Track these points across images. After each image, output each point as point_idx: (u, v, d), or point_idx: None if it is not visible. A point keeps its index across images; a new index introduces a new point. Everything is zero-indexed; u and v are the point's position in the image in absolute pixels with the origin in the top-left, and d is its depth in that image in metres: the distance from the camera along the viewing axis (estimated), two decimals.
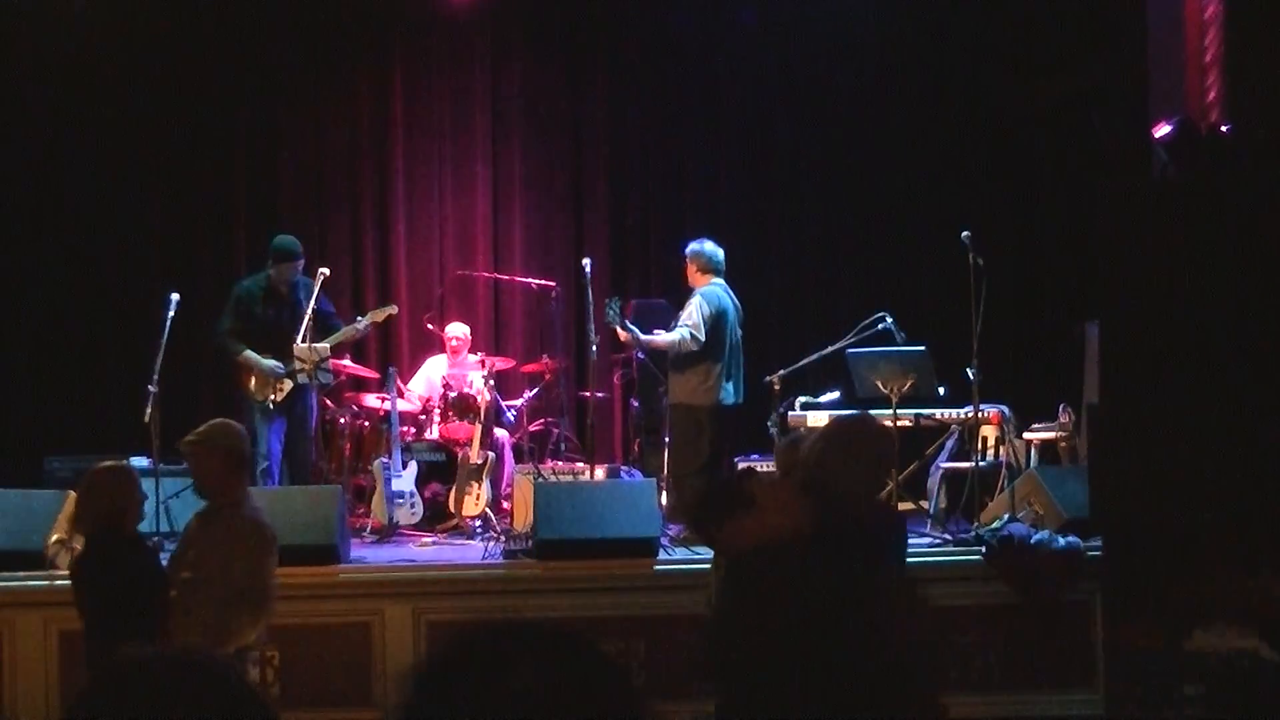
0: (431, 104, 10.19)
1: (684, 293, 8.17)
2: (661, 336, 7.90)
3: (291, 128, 10.07)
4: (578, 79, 10.28)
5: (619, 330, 7.91)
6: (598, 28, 10.29)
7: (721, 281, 8.05)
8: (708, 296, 7.92)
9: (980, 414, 7.75)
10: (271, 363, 8.09)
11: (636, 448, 9.05)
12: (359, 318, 8.56)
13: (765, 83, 10.16)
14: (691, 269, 8.11)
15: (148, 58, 9.84)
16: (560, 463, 8.76)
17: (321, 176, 10.10)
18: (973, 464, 7.63)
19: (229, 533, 4.83)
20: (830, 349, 8.24)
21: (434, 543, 7.97)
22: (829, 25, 9.99)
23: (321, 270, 8.36)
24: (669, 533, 7.45)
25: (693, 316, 7.83)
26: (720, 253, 8.11)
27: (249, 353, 8.13)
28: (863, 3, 9.99)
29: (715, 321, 7.84)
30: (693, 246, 8.18)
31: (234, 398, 9.74)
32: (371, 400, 8.99)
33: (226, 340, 8.22)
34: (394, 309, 8.88)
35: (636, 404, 9.14)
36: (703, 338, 7.78)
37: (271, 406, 8.07)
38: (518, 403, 9.11)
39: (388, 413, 8.56)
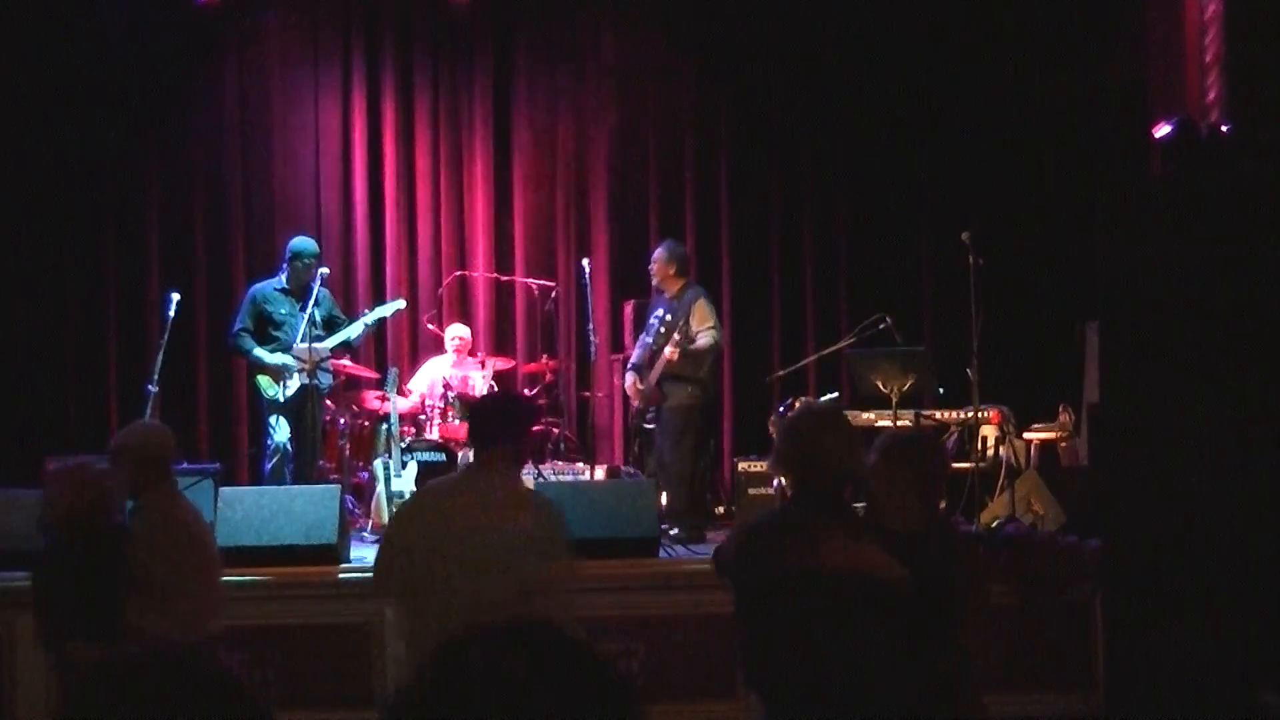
0: (430, 103, 10.18)
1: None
2: (698, 344, 7.79)
3: (290, 128, 10.06)
4: (577, 77, 10.28)
5: (673, 350, 7.79)
6: (599, 26, 10.29)
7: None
8: (707, 297, 7.96)
9: (980, 414, 7.76)
10: (280, 359, 8.17)
11: (636, 448, 9.05)
12: (366, 311, 8.68)
13: (766, 82, 10.15)
14: (668, 271, 8.01)
15: (147, 56, 9.84)
16: (560, 463, 8.76)
17: (320, 176, 10.10)
18: (973, 464, 7.63)
19: (141, 530, 4.96)
20: (830, 349, 8.25)
21: None
22: (829, 25, 9.99)
23: (322, 270, 8.42)
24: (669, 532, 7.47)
25: (709, 320, 7.83)
26: None
27: (258, 349, 8.26)
28: (863, 3, 9.99)
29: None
30: (671, 249, 8.10)
31: (237, 396, 9.80)
32: (371, 400, 8.99)
33: (238, 340, 8.38)
34: (403, 303, 8.97)
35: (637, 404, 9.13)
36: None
37: (282, 401, 8.15)
38: None
39: (388, 413, 8.56)
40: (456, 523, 4.24)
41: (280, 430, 8.19)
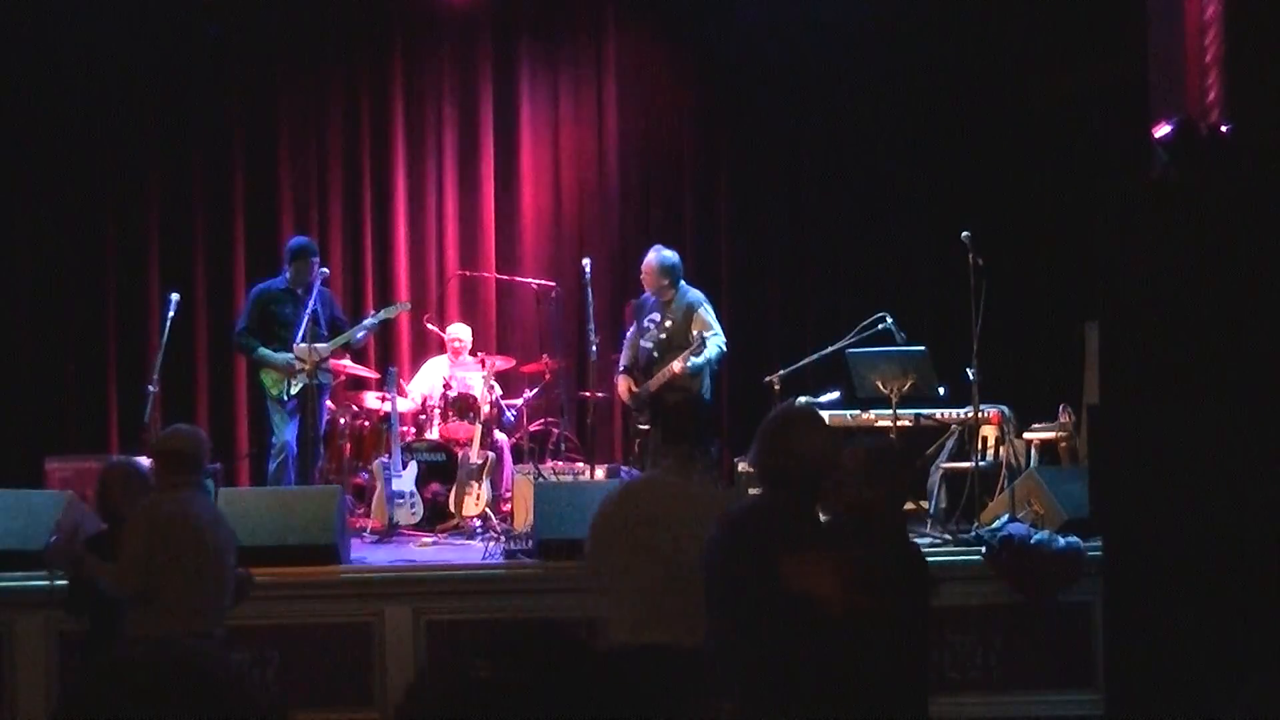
0: (433, 102, 10.19)
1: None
2: (705, 354, 7.92)
3: (292, 127, 10.06)
4: (580, 77, 10.28)
5: (681, 365, 7.84)
6: (601, 26, 10.29)
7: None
8: (707, 303, 8.04)
9: (980, 414, 7.75)
10: (285, 357, 8.21)
11: (636, 448, 9.04)
12: (373, 313, 8.72)
13: (767, 82, 10.15)
14: (662, 282, 8.13)
15: (147, 56, 9.84)
16: (560, 463, 8.76)
17: (322, 176, 10.10)
18: (973, 464, 7.63)
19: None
20: (830, 349, 8.24)
21: (434, 543, 7.97)
22: (830, 25, 9.98)
23: (322, 270, 8.45)
24: None
25: (713, 326, 7.97)
26: None
27: (263, 349, 8.30)
28: (863, 3, 9.98)
29: None
30: (661, 258, 8.17)
31: (238, 396, 9.80)
32: (371, 400, 9.00)
33: (243, 339, 8.43)
34: (407, 305, 8.98)
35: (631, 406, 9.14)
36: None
37: (286, 399, 8.20)
38: (518, 403, 9.11)
39: (388, 413, 8.56)
40: (643, 518, 4.56)
41: (285, 429, 8.22)
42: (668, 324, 7.95)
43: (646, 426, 8.26)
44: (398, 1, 10.14)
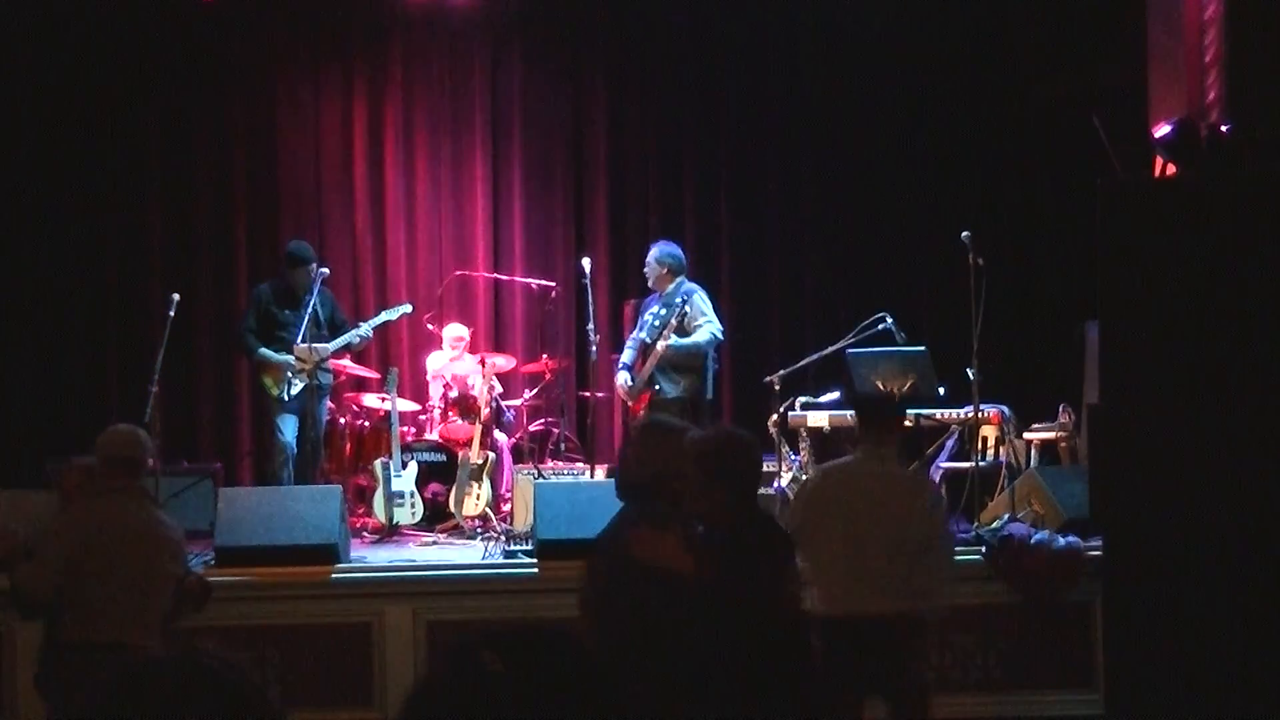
0: (430, 103, 10.18)
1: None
2: (695, 338, 8.06)
3: (291, 128, 10.06)
4: (577, 78, 10.28)
5: (663, 344, 7.97)
6: (597, 27, 10.29)
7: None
8: (703, 292, 8.18)
9: (980, 414, 7.75)
10: (285, 358, 8.26)
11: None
12: (382, 311, 8.74)
13: (765, 82, 10.15)
14: (660, 272, 8.35)
15: (148, 57, 9.84)
16: (560, 463, 8.77)
17: (321, 176, 10.10)
18: (973, 464, 7.63)
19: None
20: (830, 349, 8.25)
21: (434, 543, 7.98)
22: (829, 25, 9.99)
23: (322, 270, 8.46)
24: None
25: (706, 313, 8.10)
26: None
27: (264, 350, 8.35)
28: (863, 3, 9.98)
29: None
30: (662, 252, 8.41)
31: (239, 396, 9.81)
32: (371, 400, 9.00)
33: (244, 339, 8.50)
34: (409, 307, 8.98)
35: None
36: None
37: (287, 399, 8.24)
38: (517, 403, 9.12)
39: (388, 413, 8.56)
40: (864, 497, 5.11)
41: (286, 429, 8.25)
42: (662, 312, 8.06)
43: None
44: (397, 2, 10.13)
